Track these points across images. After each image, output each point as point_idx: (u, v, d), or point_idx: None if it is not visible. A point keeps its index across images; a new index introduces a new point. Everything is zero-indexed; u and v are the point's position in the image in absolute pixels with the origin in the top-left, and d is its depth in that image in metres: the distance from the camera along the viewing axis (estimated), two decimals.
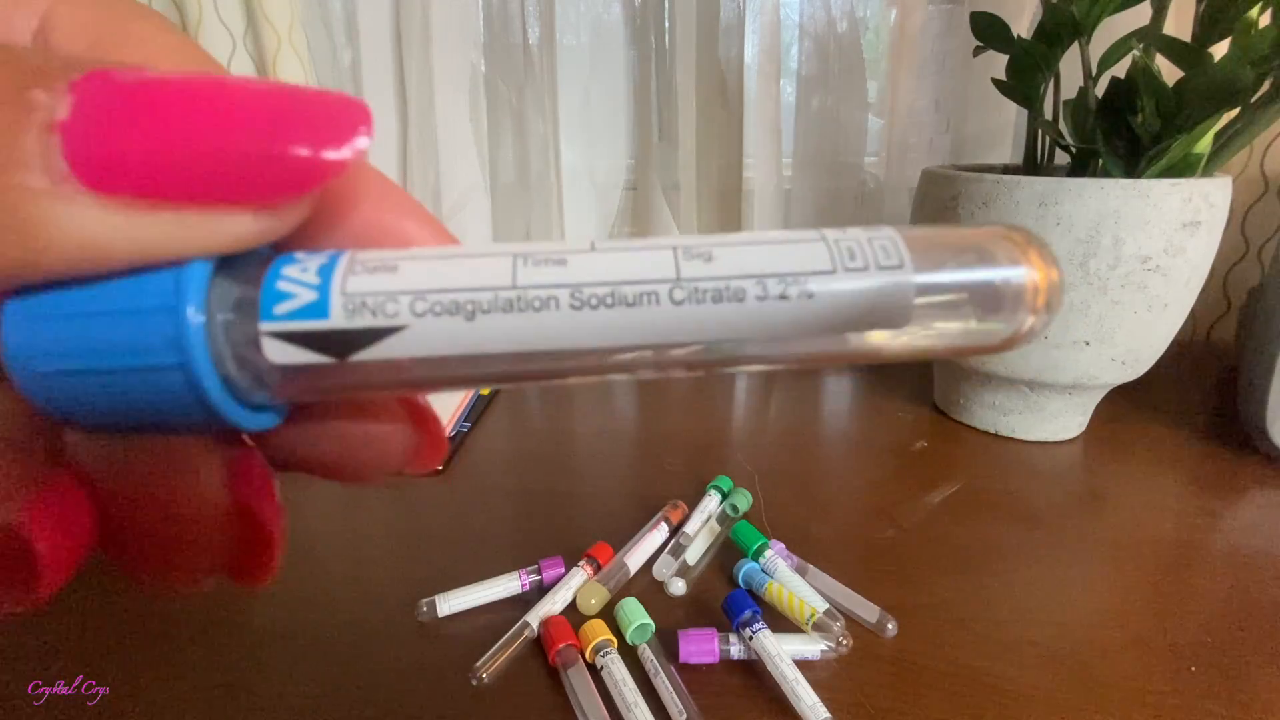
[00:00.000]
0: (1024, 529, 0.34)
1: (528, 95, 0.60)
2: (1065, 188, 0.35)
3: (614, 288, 0.07)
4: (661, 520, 0.33)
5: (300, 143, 0.07)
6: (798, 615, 0.26)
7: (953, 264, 0.08)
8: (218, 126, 0.06)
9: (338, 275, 0.07)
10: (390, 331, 0.07)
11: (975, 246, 0.08)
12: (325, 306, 0.07)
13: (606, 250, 0.08)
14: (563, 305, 0.07)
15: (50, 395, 0.07)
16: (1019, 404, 0.43)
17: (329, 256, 0.08)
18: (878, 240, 0.08)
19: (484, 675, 0.25)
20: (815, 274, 0.08)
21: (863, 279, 0.08)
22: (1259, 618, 0.28)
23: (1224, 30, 0.34)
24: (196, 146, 0.06)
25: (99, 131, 0.06)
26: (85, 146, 0.06)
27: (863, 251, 0.08)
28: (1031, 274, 0.08)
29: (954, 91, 0.61)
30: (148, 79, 0.06)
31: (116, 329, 0.07)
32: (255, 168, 0.06)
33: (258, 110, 0.07)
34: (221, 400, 0.07)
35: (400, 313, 0.07)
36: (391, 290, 0.07)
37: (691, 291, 0.07)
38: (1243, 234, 0.60)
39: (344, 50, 0.59)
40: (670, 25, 0.59)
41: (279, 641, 0.28)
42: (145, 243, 0.06)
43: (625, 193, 0.65)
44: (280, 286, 0.07)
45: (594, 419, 0.48)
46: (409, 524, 0.35)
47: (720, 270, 0.08)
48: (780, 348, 0.08)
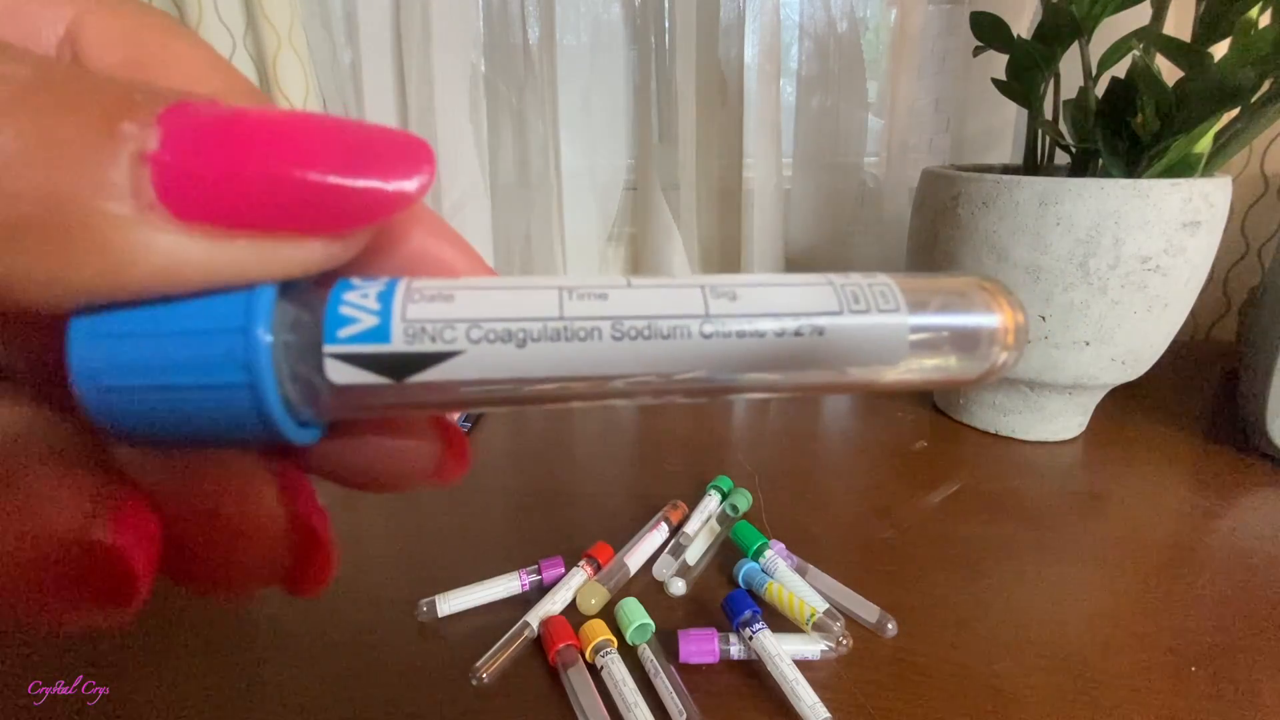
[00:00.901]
0: (1024, 529, 0.34)
1: (528, 95, 0.60)
2: (1065, 188, 0.35)
3: (650, 321, 0.08)
4: (661, 520, 0.33)
5: (372, 176, 0.07)
6: (798, 615, 0.26)
7: (939, 309, 0.09)
8: (296, 160, 0.07)
9: (397, 302, 0.08)
10: (448, 356, 0.08)
11: (957, 293, 0.09)
12: (387, 331, 0.08)
13: (642, 287, 0.09)
14: (605, 336, 0.08)
15: (113, 411, 0.07)
16: (1019, 404, 0.43)
17: (386, 284, 0.08)
18: (876, 286, 0.09)
19: (484, 675, 0.25)
20: (825, 314, 0.09)
21: (866, 319, 0.09)
22: (1259, 618, 0.28)
23: (1224, 30, 0.34)
24: (276, 178, 0.07)
25: (185, 162, 0.06)
26: (172, 176, 0.06)
27: (864, 295, 0.09)
28: (1003, 319, 0.09)
29: (954, 91, 0.61)
30: (233, 113, 0.07)
31: (186, 348, 0.07)
32: (330, 199, 0.07)
33: (333, 145, 0.07)
34: (279, 416, 0.07)
35: (457, 339, 0.08)
36: (449, 318, 0.08)
37: (719, 327, 0.08)
38: (1243, 234, 0.60)
39: (344, 50, 0.59)
40: (670, 25, 0.59)
41: (279, 641, 0.28)
42: (220, 267, 0.07)
43: (625, 193, 0.65)
44: (344, 311, 0.08)
45: (594, 419, 0.48)
46: (409, 524, 0.35)
47: (743, 309, 0.08)
48: (790, 379, 0.09)
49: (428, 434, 0.10)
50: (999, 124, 0.59)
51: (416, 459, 0.10)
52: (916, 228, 0.44)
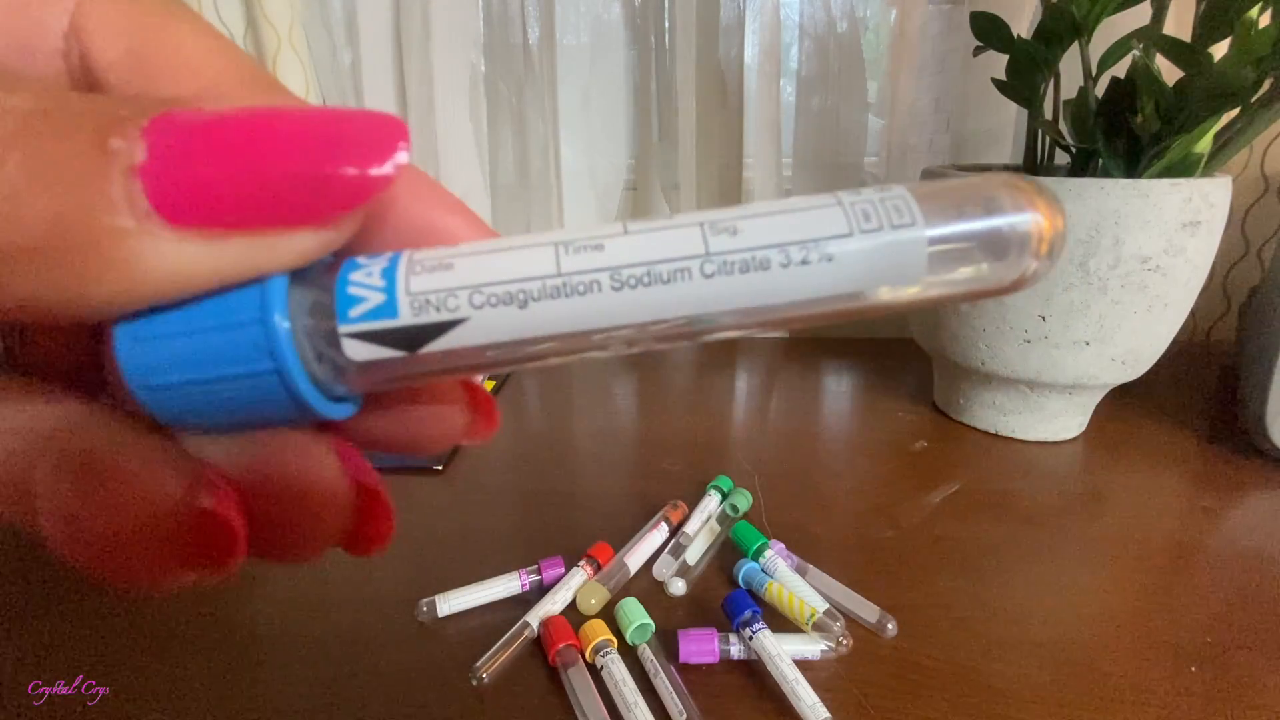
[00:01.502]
0: (1024, 529, 0.34)
1: (528, 95, 0.60)
2: (1065, 188, 0.35)
3: (649, 267, 0.08)
4: (661, 520, 0.33)
5: (349, 163, 0.07)
6: (798, 615, 0.26)
7: (963, 215, 0.08)
8: (274, 156, 0.07)
9: (400, 277, 0.08)
10: (454, 324, 0.08)
11: (984, 196, 0.08)
12: (394, 306, 0.08)
13: (638, 232, 0.08)
14: (604, 288, 0.08)
15: (166, 406, 0.08)
16: (1019, 404, 0.43)
17: (389, 259, 0.08)
18: (890, 200, 0.08)
19: (484, 675, 0.25)
20: (833, 238, 0.08)
21: (878, 238, 0.08)
22: (1259, 617, 0.28)
23: (1224, 30, 0.34)
24: (257, 176, 0.07)
25: (171, 171, 0.07)
26: (161, 185, 0.07)
27: (876, 212, 0.08)
28: (1037, 219, 0.08)
29: (954, 91, 0.61)
30: (208, 118, 0.07)
31: (214, 343, 0.07)
32: (311, 190, 0.07)
33: (308, 137, 0.07)
34: (311, 396, 0.08)
35: (460, 306, 0.08)
36: (450, 286, 0.08)
37: (721, 265, 0.08)
38: (1243, 234, 0.60)
39: (344, 50, 0.59)
40: (670, 25, 0.59)
41: (279, 641, 0.28)
42: (225, 266, 0.07)
43: (625, 193, 0.65)
44: (351, 291, 0.08)
45: (594, 419, 0.49)
46: (409, 524, 0.35)
47: (745, 243, 0.08)
48: (804, 310, 0.08)
49: (457, 397, 0.11)
50: (999, 124, 0.59)
51: (450, 422, 0.10)
52: None
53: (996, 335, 0.40)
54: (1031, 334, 0.38)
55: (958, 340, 0.42)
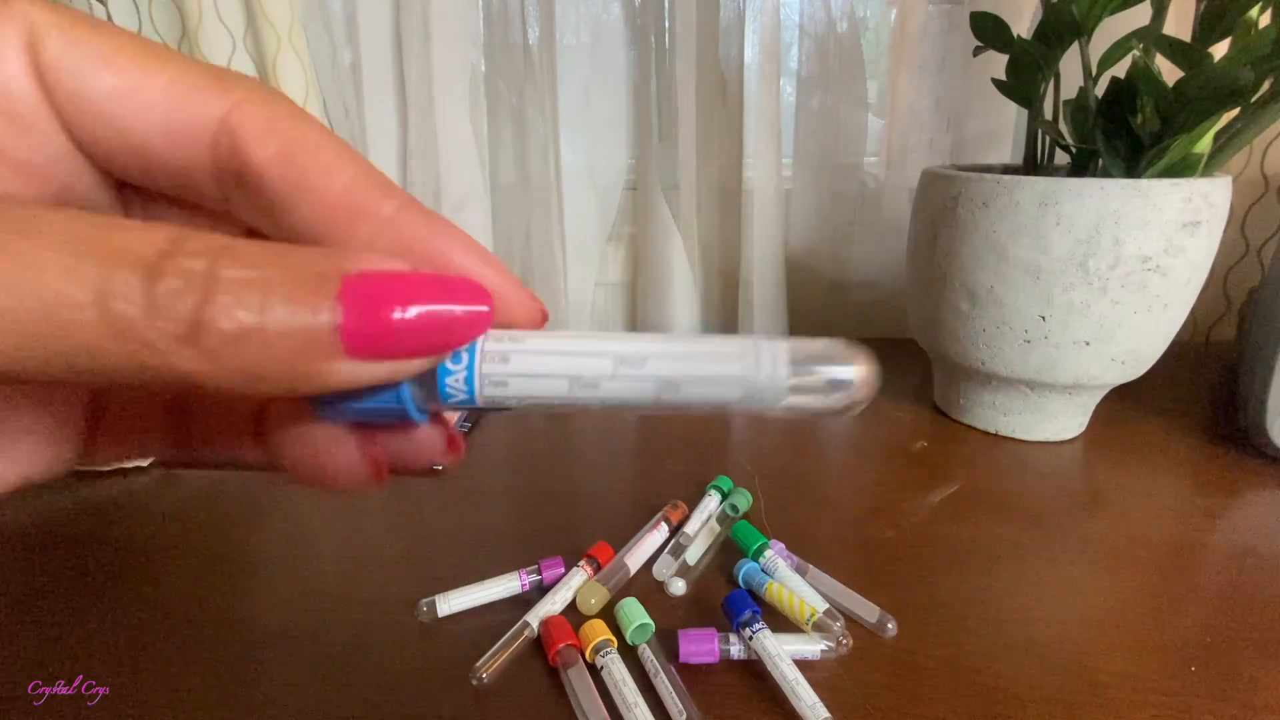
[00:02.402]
0: (1024, 529, 0.34)
1: (528, 95, 0.60)
2: (1065, 188, 0.35)
3: (604, 400, 0.13)
4: (661, 520, 0.33)
5: (463, 303, 0.11)
6: (798, 615, 0.26)
7: (811, 364, 0.13)
8: (425, 310, 0.11)
9: (477, 384, 0.12)
10: (505, 408, 0.13)
11: (823, 353, 0.13)
12: (473, 398, 0.12)
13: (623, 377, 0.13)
14: (594, 406, 0.13)
15: (347, 420, 0.13)
16: (1019, 404, 0.43)
17: (467, 367, 0.12)
18: (766, 350, 0.13)
19: (484, 675, 0.25)
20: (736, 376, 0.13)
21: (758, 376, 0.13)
22: (1259, 617, 0.28)
23: (1224, 30, 0.35)
24: (415, 325, 0.11)
25: (360, 327, 0.10)
26: (351, 337, 0.10)
27: (761, 358, 0.13)
28: (859, 369, 0.13)
29: (954, 91, 0.61)
30: (390, 281, 0.10)
31: (378, 406, 0.12)
32: (441, 335, 0.11)
33: (443, 297, 0.11)
34: (420, 420, 0.13)
35: (509, 400, 0.13)
36: (507, 395, 0.12)
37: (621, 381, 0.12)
38: (1243, 234, 0.60)
39: (344, 50, 0.59)
40: (670, 25, 0.58)
41: (279, 641, 0.28)
42: (380, 377, 0.11)
43: (625, 193, 0.65)
44: (448, 387, 0.12)
45: (594, 419, 0.49)
46: (409, 524, 0.35)
47: (653, 371, 0.12)
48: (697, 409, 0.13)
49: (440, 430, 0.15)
50: (999, 124, 0.59)
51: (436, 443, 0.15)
52: (916, 228, 0.44)
53: (996, 335, 0.40)
54: (1031, 334, 0.38)
55: (958, 340, 0.42)
